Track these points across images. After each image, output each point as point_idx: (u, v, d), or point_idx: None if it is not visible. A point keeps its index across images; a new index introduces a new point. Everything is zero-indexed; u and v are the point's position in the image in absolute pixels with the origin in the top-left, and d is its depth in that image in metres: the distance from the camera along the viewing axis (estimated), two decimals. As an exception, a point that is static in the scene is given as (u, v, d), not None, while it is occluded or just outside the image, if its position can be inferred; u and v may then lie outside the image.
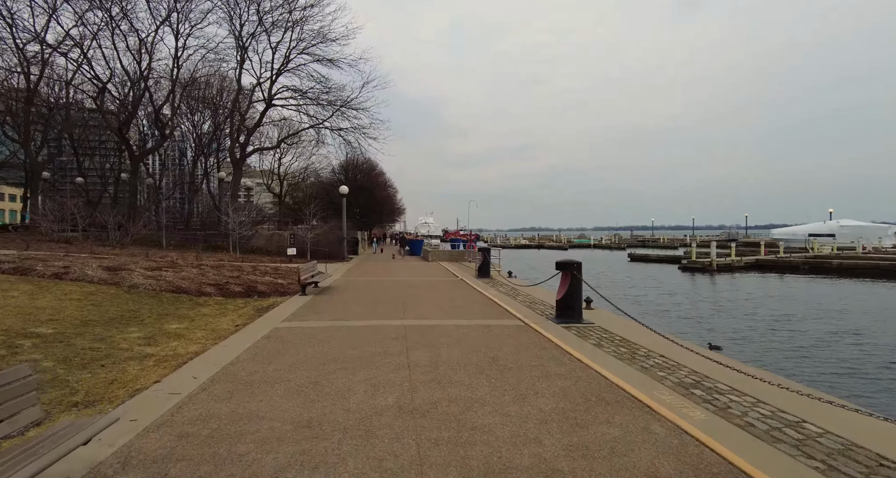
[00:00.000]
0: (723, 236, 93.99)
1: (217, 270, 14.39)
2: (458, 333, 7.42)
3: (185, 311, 8.85)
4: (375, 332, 7.42)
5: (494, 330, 7.68)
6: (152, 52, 25.30)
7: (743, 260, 35.73)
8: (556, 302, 8.60)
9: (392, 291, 12.77)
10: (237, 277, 13.25)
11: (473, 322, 8.33)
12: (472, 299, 11.25)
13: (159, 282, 10.69)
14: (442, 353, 6.14)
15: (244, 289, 11.73)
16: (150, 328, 7.28)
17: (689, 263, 35.00)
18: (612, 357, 6.05)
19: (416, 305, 10.17)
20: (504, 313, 9.31)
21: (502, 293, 12.25)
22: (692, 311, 18.27)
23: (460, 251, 27.73)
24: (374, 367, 5.47)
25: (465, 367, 5.50)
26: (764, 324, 15.40)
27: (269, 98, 27.48)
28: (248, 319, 8.50)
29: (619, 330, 7.77)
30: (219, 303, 9.99)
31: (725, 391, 4.67)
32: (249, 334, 7.22)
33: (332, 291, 12.50)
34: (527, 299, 11.18)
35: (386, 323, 8.16)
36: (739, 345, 12.49)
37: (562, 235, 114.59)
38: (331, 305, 10.08)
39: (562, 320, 8.29)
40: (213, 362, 5.59)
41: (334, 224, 29.42)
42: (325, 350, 6.23)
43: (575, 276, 8.27)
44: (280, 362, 5.65)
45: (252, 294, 11.45)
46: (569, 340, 6.97)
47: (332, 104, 28.88)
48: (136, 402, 4.29)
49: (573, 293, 8.32)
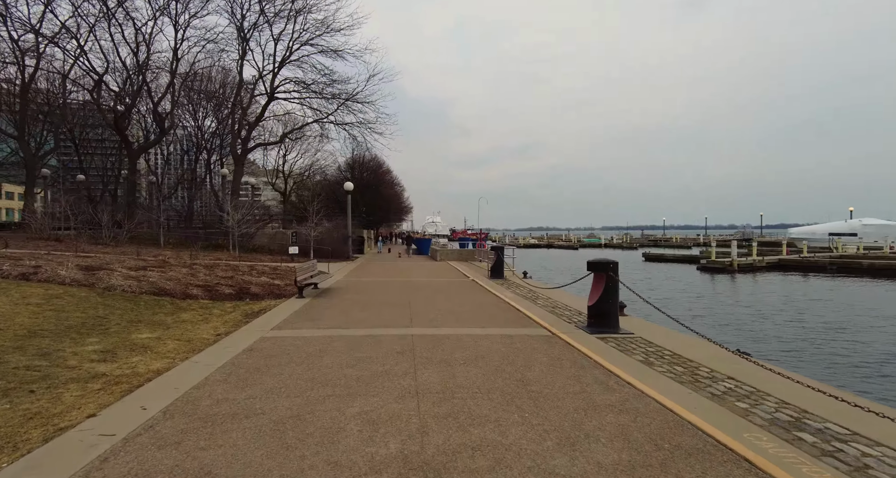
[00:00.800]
0: (736, 236, 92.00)
1: (210, 269, 13.36)
2: (474, 345, 6.28)
3: (162, 316, 7.79)
4: (378, 344, 6.30)
5: (517, 341, 6.53)
6: (151, 43, 24.47)
7: (765, 260, 34.23)
8: (587, 308, 7.42)
9: (398, 293, 11.65)
10: (230, 277, 12.21)
11: (492, 331, 7.19)
12: (487, 303, 10.10)
13: (140, 283, 9.66)
14: (457, 373, 5.00)
15: (235, 291, 10.67)
16: (114, 339, 6.21)
17: (708, 263, 33.56)
18: (670, 379, 4.87)
19: (425, 310, 9.04)
20: (525, 320, 8.14)
21: (520, 296, 11.08)
22: (729, 316, 16.83)
23: (470, 250, 26.60)
24: (374, 393, 4.35)
25: (489, 394, 4.36)
26: (815, 333, 13.86)
27: (271, 91, 26.46)
28: (233, 327, 7.42)
29: (665, 342, 6.58)
30: (204, 307, 8.92)
31: (845, 437, 3.47)
32: (229, 346, 6.13)
33: (332, 294, 11.41)
34: (548, 304, 10.00)
35: (391, 332, 7.04)
36: (795, 357, 11.10)
37: (571, 234, 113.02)
38: (329, 310, 8.98)
39: (595, 330, 7.11)
40: (174, 386, 4.49)
41: (339, 222, 28.40)
42: (316, 369, 5.11)
43: (611, 278, 7.09)
44: (257, 385, 4.55)
45: (244, 297, 10.38)
46: (610, 355, 5.79)
47: (337, 98, 27.85)
48: (48, 450, 3.18)
49: (609, 298, 7.14)
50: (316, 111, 27.94)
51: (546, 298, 10.87)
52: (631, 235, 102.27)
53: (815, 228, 62.50)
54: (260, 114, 27.28)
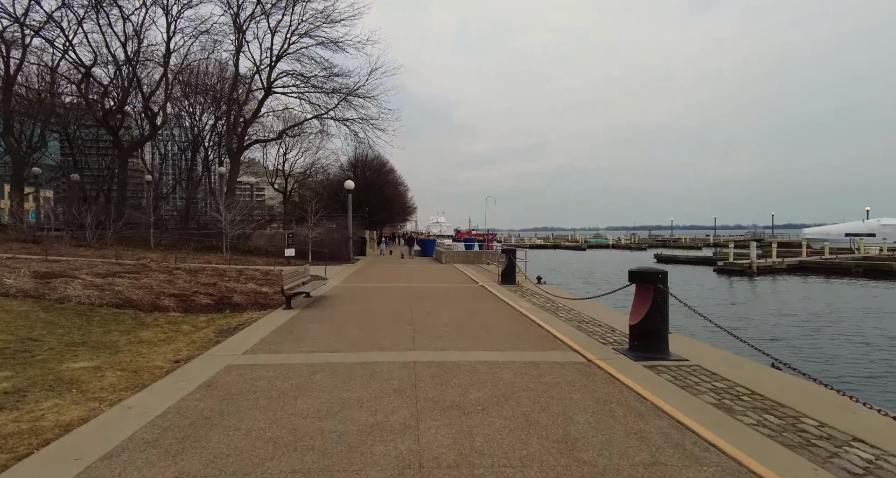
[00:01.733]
0: (747, 236, 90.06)
1: (193, 275, 12.11)
2: (493, 378, 4.96)
3: (115, 336, 6.52)
4: (371, 376, 4.99)
5: (546, 371, 5.21)
6: (142, 35, 23.27)
7: (785, 262, 32.70)
8: (629, 328, 6.08)
9: (400, 302, 10.34)
10: (213, 284, 10.94)
11: (513, 356, 5.86)
12: (502, 315, 8.76)
13: (103, 293, 8.40)
14: (476, 428, 3.68)
15: (215, 301, 9.39)
16: (34, 371, 4.93)
17: (725, 264, 32.06)
18: (767, 438, 3.53)
19: (430, 325, 7.72)
20: (551, 340, 6.81)
21: (538, 307, 9.74)
22: (772, 328, 14.99)
23: (476, 252, 25.28)
24: (358, 467, 3.04)
25: (524, 470, 3.04)
26: (888, 351, 12.01)
27: (268, 85, 25.19)
28: (199, 349, 6.14)
29: (730, 372, 5.22)
30: (172, 322, 7.64)
31: None
32: (183, 380, 4.84)
33: (325, 303, 10.11)
34: (572, 316, 8.66)
35: (388, 358, 5.73)
36: (880, 387, 9.38)
37: (577, 234, 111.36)
38: (318, 326, 7.68)
39: (641, 355, 5.78)
40: (75, 455, 3.18)
41: (340, 223, 27.16)
42: (285, 420, 3.80)
43: (660, 291, 5.76)
44: (197, 451, 3.24)
45: (223, 308, 9.10)
46: (671, 395, 4.46)
47: (338, 92, 26.57)
48: None
49: (657, 316, 5.80)
50: (315, 106, 26.68)
51: (568, 309, 9.53)
52: (638, 235, 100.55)
53: (831, 228, 60.51)
54: (257, 109, 26.00)
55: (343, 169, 45.14)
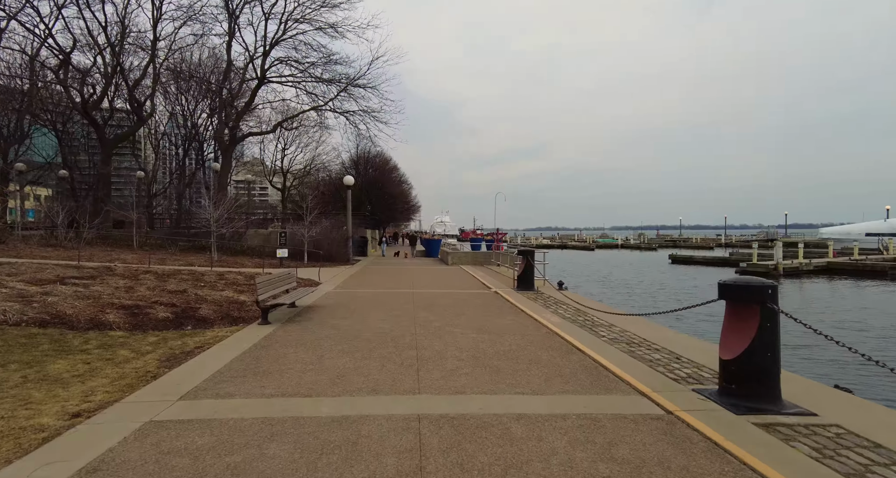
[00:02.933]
0: (759, 236, 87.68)
1: (163, 280, 10.46)
2: (541, 451, 3.24)
3: (9, 372, 4.82)
4: (354, 447, 3.28)
5: (616, 436, 3.49)
6: (126, 19, 21.63)
7: (812, 263, 30.76)
8: (721, 363, 4.33)
9: (401, 315, 8.63)
10: (181, 292, 9.27)
11: (558, 404, 4.14)
12: (529, 334, 7.03)
13: (28, 306, 6.74)
14: None
15: (176, 313, 7.70)
16: None
17: (748, 266, 30.17)
18: None
19: (438, 351, 6.00)
20: (600, 373, 5.08)
21: (569, 321, 8.00)
22: (863, 344, 12.80)
23: (485, 253, 23.54)
24: None
25: None
26: None
27: (262, 73, 23.49)
28: (124, 390, 4.45)
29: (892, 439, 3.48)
30: (108, 345, 5.95)
31: None
32: (58, 459, 3.14)
33: (312, 316, 8.42)
34: (617, 335, 6.92)
35: (380, 408, 4.02)
36: None
37: (583, 234, 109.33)
38: (295, 351, 5.98)
39: (741, 404, 4.04)
40: None
41: (339, 221, 25.48)
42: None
43: (769, 312, 4.02)
44: None
45: (185, 322, 7.41)
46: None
47: (337, 82, 24.85)
48: None
49: (766, 349, 4.05)
50: (313, 95, 24.89)
51: (608, 325, 7.77)
52: (646, 235, 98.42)
53: (851, 227, 58.36)
54: (250, 99, 24.28)
55: (345, 166, 43.55)
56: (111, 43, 21.17)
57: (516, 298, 10.78)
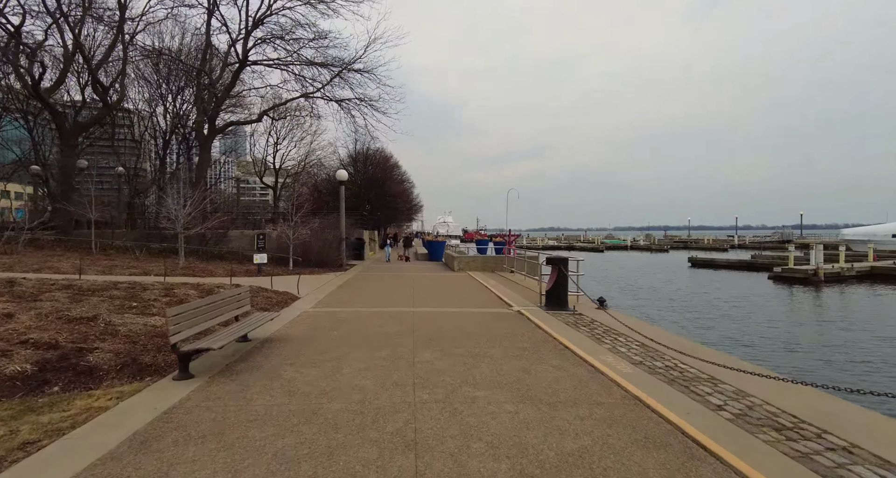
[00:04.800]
0: (775, 237, 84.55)
1: (76, 299, 7.81)
2: None
3: None
4: None
5: None
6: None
7: (854, 268, 27.97)
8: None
9: (394, 358, 5.93)
10: (87, 320, 6.61)
11: None
12: (596, 400, 4.32)
13: None
14: None
15: (45, 362, 5.00)
16: None
17: (784, 271, 27.40)
18: None
19: (452, 454, 3.32)
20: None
21: (645, 370, 5.26)
22: None
23: (496, 257, 20.79)
24: None
25: None
26: None
27: (244, 53, 20.79)
28: None
29: None
30: None
31: None
32: None
33: (261, 362, 5.74)
34: (746, 407, 4.20)
35: None
36: None
37: (589, 234, 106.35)
38: (194, 453, 3.31)
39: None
40: None
41: (333, 220, 22.82)
42: None
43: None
44: None
45: (54, 379, 4.74)
46: None
47: (330, 66, 22.18)
48: None
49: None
50: (301, 78, 22.12)
51: (707, 376, 5.05)
52: (654, 235, 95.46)
53: (876, 228, 55.21)
54: (231, 82, 21.49)
55: (342, 163, 40.97)
56: (64, 14, 18.45)
57: (550, 323, 8.02)
